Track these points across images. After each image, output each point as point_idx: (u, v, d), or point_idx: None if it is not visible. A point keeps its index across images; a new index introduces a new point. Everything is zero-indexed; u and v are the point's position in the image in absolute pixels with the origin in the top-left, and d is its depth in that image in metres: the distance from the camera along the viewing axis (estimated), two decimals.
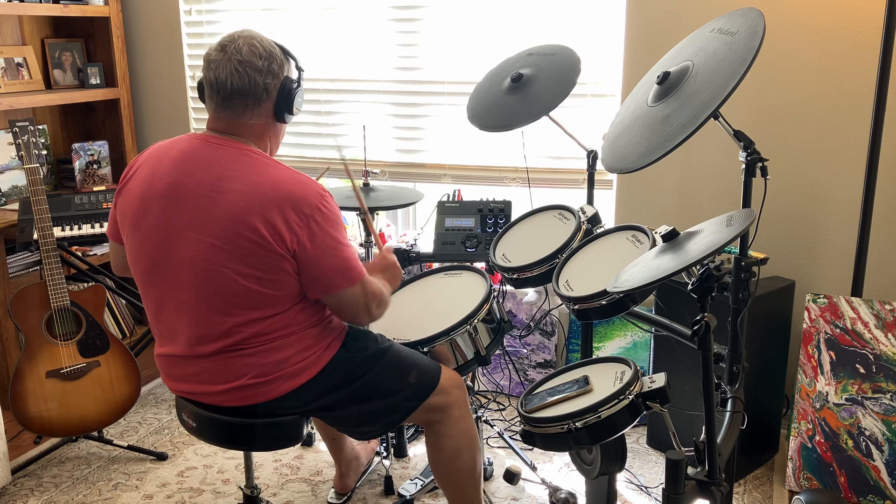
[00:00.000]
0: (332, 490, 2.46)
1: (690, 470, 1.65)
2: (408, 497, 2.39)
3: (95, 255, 3.28)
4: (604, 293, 1.74)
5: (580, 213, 2.16)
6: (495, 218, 2.68)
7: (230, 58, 1.70)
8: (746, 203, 1.77)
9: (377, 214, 2.61)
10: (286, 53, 1.79)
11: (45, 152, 3.22)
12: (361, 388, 1.85)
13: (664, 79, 1.78)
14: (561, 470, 2.58)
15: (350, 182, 2.13)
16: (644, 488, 2.50)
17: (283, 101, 1.76)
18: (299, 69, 1.82)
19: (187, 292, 1.71)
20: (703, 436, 1.66)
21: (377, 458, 2.60)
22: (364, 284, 1.76)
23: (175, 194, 1.70)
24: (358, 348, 1.87)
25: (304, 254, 1.67)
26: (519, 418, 1.76)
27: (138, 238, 1.75)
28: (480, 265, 2.49)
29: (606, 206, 2.98)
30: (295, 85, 1.78)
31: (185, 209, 1.69)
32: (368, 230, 2.14)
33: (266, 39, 1.76)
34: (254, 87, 1.71)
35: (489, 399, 3.08)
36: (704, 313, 1.55)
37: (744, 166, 1.74)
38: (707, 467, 1.66)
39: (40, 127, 3.41)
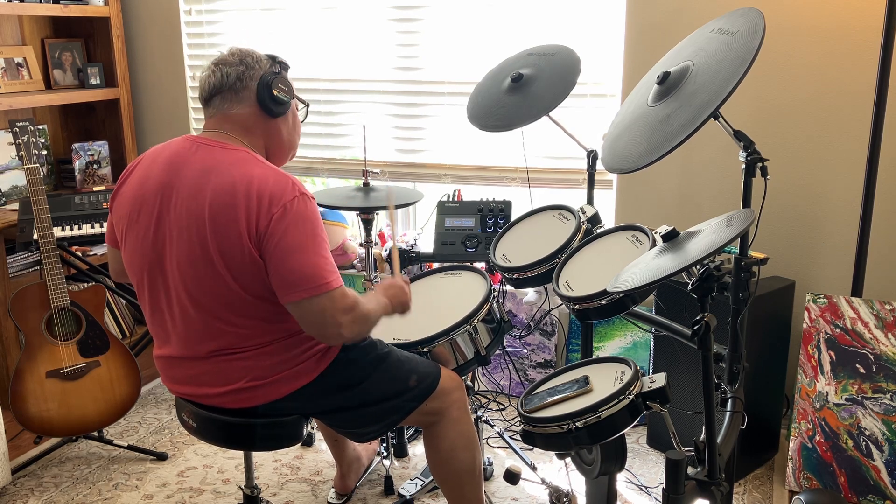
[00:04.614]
0: (333, 490, 2.46)
1: (690, 470, 1.65)
2: (408, 497, 2.39)
3: (95, 255, 3.28)
4: (604, 293, 1.74)
5: (580, 213, 2.16)
6: (495, 218, 2.68)
7: (210, 65, 1.78)
8: (746, 203, 1.77)
9: (376, 214, 2.61)
10: (272, 58, 1.81)
11: (45, 152, 3.22)
12: (361, 393, 1.85)
13: (664, 79, 1.78)
14: (561, 470, 2.58)
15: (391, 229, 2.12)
16: (644, 488, 2.50)
17: (264, 90, 1.75)
18: (281, 64, 1.82)
19: (179, 293, 1.71)
20: (703, 436, 1.66)
21: (377, 458, 2.60)
22: (333, 296, 1.64)
23: (165, 196, 1.70)
24: (358, 353, 1.87)
25: (268, 252, 1.62)
26: (519, 418, 1.76)
27: (132, 240, 1.75)
28: (480, 265, 2.49)
29: (606, 206, 2.98)
30: (276, 76, 1.77)
31: (173, 210, 1.69)
32: (394, 263, 2.13)
33: (250, 47, 1.80)
34: (226, 78, 1.74)
35: (489, 399, 3.08)
36: (704, 313, 1.55)
37: (744, 166, 1.74)
38: (707, 467, 1.66)
39: (40, 127, 3.41)
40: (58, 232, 2.78)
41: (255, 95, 1.75)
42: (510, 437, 2.69)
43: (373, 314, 1.77)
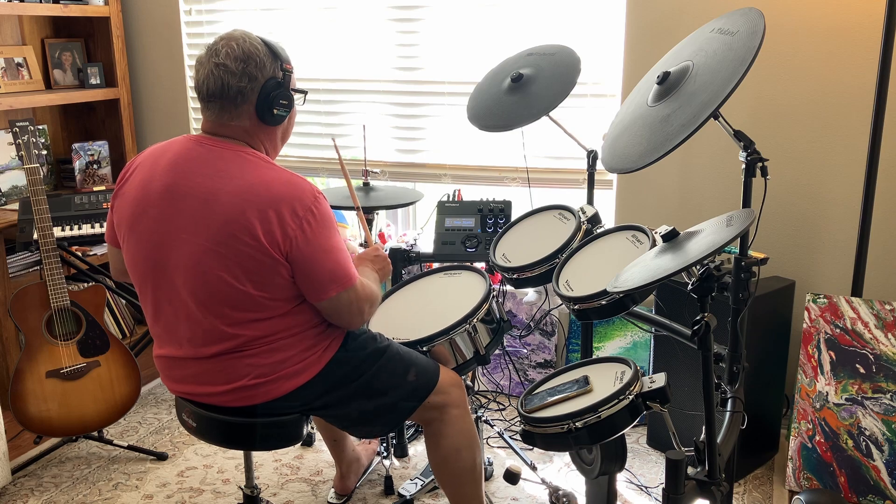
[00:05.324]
0: (332, 490, 2.46)
1: (690, 470, 1.65)
2: (408, 497, 2.39)
3: (95, 255, 3.28)
4: (604, 293, 1.74)
5: (580, 213, 2.16)
6: (495, 218, 2.68)
7: (209, 60, 1.70)
8: (746, 203, 1.77)
9: (376, 214, 2.61)
10: (274, 54, 1.73)
11: (45, 152, 3.22)
12: (361, 387, 1.86)
13: (664, 79, 1.78)
14: (561, 470, 2.58)
15: (346, 179, 2.13)
16: (644, 488, 2.50)
17: (263, 104, 1.71)
18: (284, 70, 1.74)
19: (185, 296, 1.70)
20: (703, 436, 1.66)
21: (377, 458, 2.60)
22: (356, 289, 1.74)
23: (170, 197, 1.69)
24: (357, 347, 1.87)
25: (298, 256, 1.66)
26: (519, 418, 1.76)
27: (135, 241, 1.75)
28: (480, 265, 2.49)
29: (606, 206, 2.98)
30: (278, 87, 1.72)
31: (180, 212, 1.68)
32: (363, 229, 2.14)
33: (250, 40, 1.71)
34: (227, 90, 1.69)
35: (489, 399, 3.08)
36: (704, 313, 1.55)
37: (744, 166, 1.74)
38: (707, 467, 1.66)
39: (40, 127, 3.41)
40: (58, 232, 2.78)
41: (255, 110, 1.72)
42: (510, 437, 2.69)
43: (379, 293, 1.89)
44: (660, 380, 1.63)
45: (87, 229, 2.84)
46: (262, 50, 1.71)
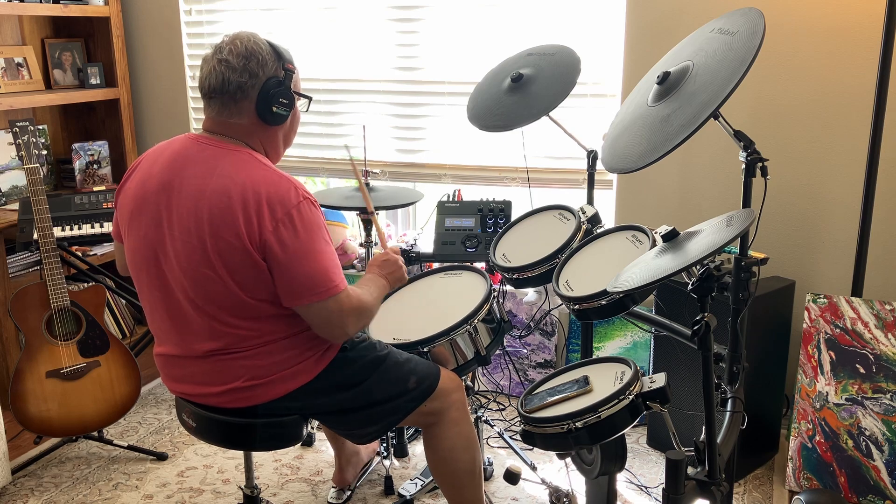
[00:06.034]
0: (332, 489, 2.46)
1: (690, 470, 1.65)
2: (408, 497, 2.39)
3: (95, 255, 3.28)
4: (604, 293, 1.74)
5: (580, 213, 2.16)
6: (495, 218, 2.68)
7: (213, 57, 1.71)
8: (746, 203, 1.77)
9: (377, 214, 2.61)
10: (277, 54, 1.73)
11: (45, 152, 3.22)
12: (360, 394, 1.85)
13: (664, 79, 1.78)
14: (561, 470, 2.58)
15: (358, 182, 2.12)
16: (644, 488, 2.50)
17: (263, 101, 1.71)
18: (286, 69, 1.73)
19: (177, 293, 1.71)
20: (703, 436, 1.66)
21: (377, 458, 2.60)
22: (340, 299, 1.68)
23: (164, 195, 1.70)
24: (356, 354, 1.87)
25: (273, 258, 1.63)
26: (519, 418, 1.76)
27: (133, 238, 1.76)
28: (480, 265, 2.49)
29: (606, 206, 2.98)
30: (279, 86, 1.71)
31: (173, 210, 1.68)
32: (377, 232, 2.14)
33: (255, 39, 1.71)
34: (227, 85, 1.68)
35: (489, 399, 3.08)
36: (704, 313, 1.55)
37: (744, 166, 1.74)
38: (707, 467, 1.66)
39: (40, 127, 3.41)
40: (58, 232, 2.78)
41: (255, 107, 1.72)
42: (510, 437, 2.69)
43: (374, 305, 1.82)
44: (660, 380, 1.63)
45: (87, 229, 2.84)
46: (265, 49, 1.72)
